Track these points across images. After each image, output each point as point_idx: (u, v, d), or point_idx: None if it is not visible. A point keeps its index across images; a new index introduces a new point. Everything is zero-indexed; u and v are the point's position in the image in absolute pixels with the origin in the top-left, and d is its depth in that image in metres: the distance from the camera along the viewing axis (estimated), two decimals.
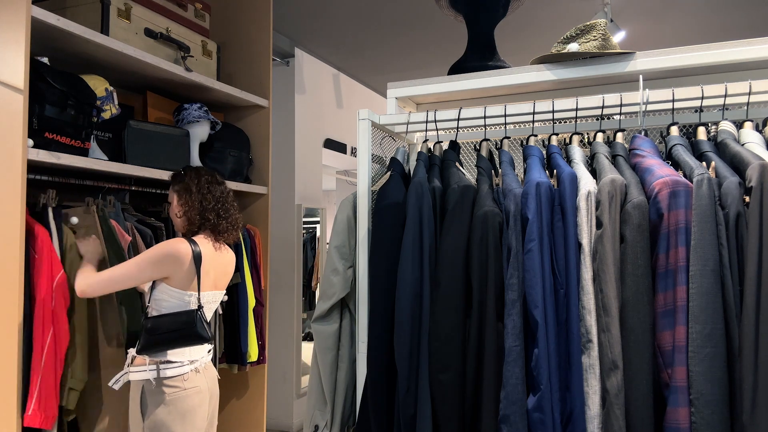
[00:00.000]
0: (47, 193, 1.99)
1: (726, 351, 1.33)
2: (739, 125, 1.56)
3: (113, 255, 2.05)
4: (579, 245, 1.46)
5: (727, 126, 1.55)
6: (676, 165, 1.52)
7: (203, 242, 1.99)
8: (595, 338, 1.42)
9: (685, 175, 1.45)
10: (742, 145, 1.50)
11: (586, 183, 1.48)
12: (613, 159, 1.59)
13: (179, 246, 1.90)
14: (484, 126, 1.82)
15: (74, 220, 2.07)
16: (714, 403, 1.31)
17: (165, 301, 1.92)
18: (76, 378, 1.93)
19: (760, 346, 1.29)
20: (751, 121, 1.55)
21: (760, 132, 1.55)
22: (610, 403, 1.38)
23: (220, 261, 2.05)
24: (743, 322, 1.31)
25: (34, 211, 1.96)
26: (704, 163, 1.49)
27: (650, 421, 1.37)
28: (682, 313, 1.35)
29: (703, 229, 1.35)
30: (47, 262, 1.84)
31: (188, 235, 2.02)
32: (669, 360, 1.37)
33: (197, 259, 1.92)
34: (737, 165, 1.42)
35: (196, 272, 1.92)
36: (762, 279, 1.31)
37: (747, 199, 1.36)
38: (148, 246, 2.25)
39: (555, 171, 1.57)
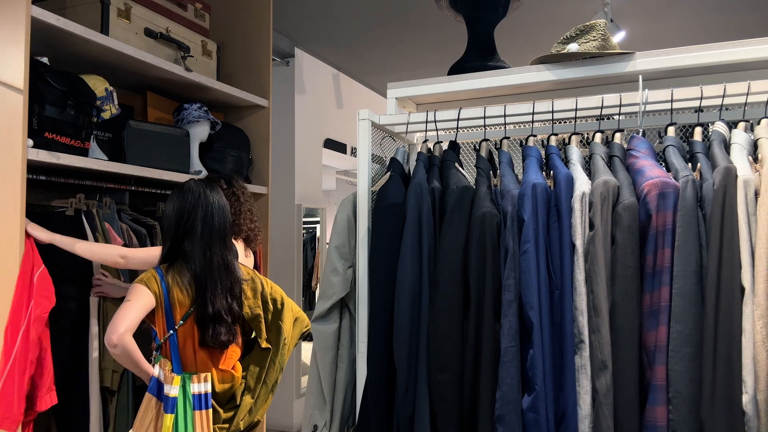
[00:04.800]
0: (77, 198, 2.08)
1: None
2: (735, 126, 1.56)
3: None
4: (573, 246, 1.47)
5: (719, 127, 1.56)
6: (669, 166, 1.53)
7: (238, 245, 2.23)
8: (586, 339, 1.43)
9: (675, 177, 1.45)
10: (730, 145, 1.50)
11: (581, 184, 1.49)
12: (610, 160, 1.59)
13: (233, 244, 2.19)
14: (484, 126, 1.82)
15: None
16: (691, 401, 1.33)
17: None
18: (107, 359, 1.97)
19: (719, 343, 1.31)
20: (746, 121, 1.55)
21: (752, 132, 1.55)
22: (599, 403, 1.39)
23: (248, 262, 2.27)
24: (705, 321, 1.33)
25: (65, 215, 2.02)
26: (691, 164, 1.50)
27: (637, 420, 1.38)
28: (664, 314, 1.37)
29: (686, 231, 1.37)
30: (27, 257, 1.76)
31: None
32: (651, 359, 1.38)
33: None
34: (714, 167, 1.44)
35: None
36: (721, 278, 1.33)
37: None
38: (143, 245, 2.26)
39: (552, 172, 1.57)
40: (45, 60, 1.98)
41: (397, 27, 4.24)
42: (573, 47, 1.83)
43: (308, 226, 4.98)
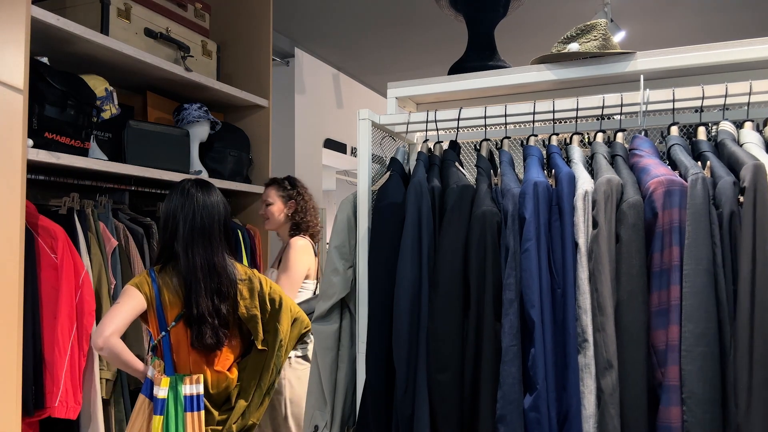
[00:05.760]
0: (71, 197, 2.09)
1: (719, 350, 1.33)
2: (739, 125, 1.56)
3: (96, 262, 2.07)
4: (576, 245, 1.46)
5: (726, 126, 1.55)
6: (674, 165, 1.52)
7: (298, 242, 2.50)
8: (590, 338, 1.42)
9: (681, 175, 1.45)
10: (741, 145, 1.50)
11: (584, 183, 1.48)
12: (612, 159, 1.59)
13: (306, 241, 2.48)
14: (485, 126, 1.81)
15: None
16: (706, 402, 1.31)
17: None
18: (109, 369, 2.04)
19: (755, 345, 1.29)
20: (752, 121, 1.55)
21: (760, 132, 1.55)
22: (604, 403, 1.38)
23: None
24: (738, 322, 1.32)
25: (57, 214, 2.04)
26: (700, 162, 1.49)
27: (644, 421, 1.37)
28: (675, 312, 1.36)
29: (697, 228, 1.35)
30: (69, 261, 1.90)
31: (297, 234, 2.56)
32: (662, 359, 1.37)
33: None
34: (733, 165, 1.43)
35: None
36: (756, 278, 1.31)
37: (741, 198, 1.36)
38: (139, 246, 2.26)
39: (553, 171, 1.57)
40: (45, 60, 1.98)
41: (397, 27, 4.24)
42: (573, 47, 1.82)
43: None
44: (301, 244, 2.47)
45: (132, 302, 1.73)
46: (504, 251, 1.51)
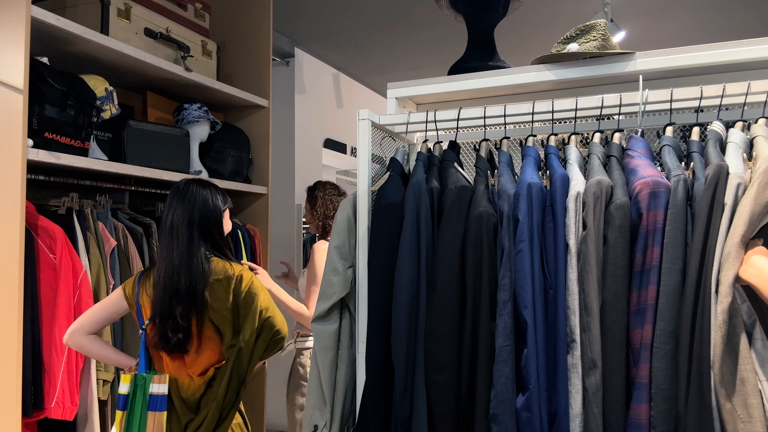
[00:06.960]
0: (70, 197, 2.09)
1: (688, 349, 1.34)
2: (732, 125, 1.57)
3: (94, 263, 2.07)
4: (567, 246, 1.47)
5: (715, 127, 1.56)
6: (663, 166, 1.53)
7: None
8: (578, 338, 1.43)
9: (667, 176, 1.46)
10: (726, 144, 1.50)
11: (576, 184, 1.49)
12: (607, 160, 1.59)
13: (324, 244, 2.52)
14: (484, 126, 1.81)
15: None
16: (672, 398, 1.33)
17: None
18: (107, 370, 2.05)
19: (695, 338, 1.31)
20: (744, 121, 1.55)
21: (747, 132, 1.55)
22: (588, 402, 1.39)
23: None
24: (682, 316, 1.33)
25: (57, 214, 2.04)
26: (683, 163, 1.50)
27: (623, 418, 1.38)
28: (650, 312, 1.37)
29: (675, 229, 1.37)
30: (67, 262, 1.90)
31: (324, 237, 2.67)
32: (636, 357, 1.38)
33: None
34: (707, 165, 1.44)
35: None
36: (702, 275, 1.32)
37: None
38: (138, 245, 2.26)
39: (548, 172, 1.57)
40: (45, 60, 1.99)
41: (397, 27, 4.24)
42: (573, 47, 1.82)
43: (308, 226, 4.98)
44: (322, 248, 2.54)
45: (107, 302, 1.80)
46: (500, 252, 1.52)
